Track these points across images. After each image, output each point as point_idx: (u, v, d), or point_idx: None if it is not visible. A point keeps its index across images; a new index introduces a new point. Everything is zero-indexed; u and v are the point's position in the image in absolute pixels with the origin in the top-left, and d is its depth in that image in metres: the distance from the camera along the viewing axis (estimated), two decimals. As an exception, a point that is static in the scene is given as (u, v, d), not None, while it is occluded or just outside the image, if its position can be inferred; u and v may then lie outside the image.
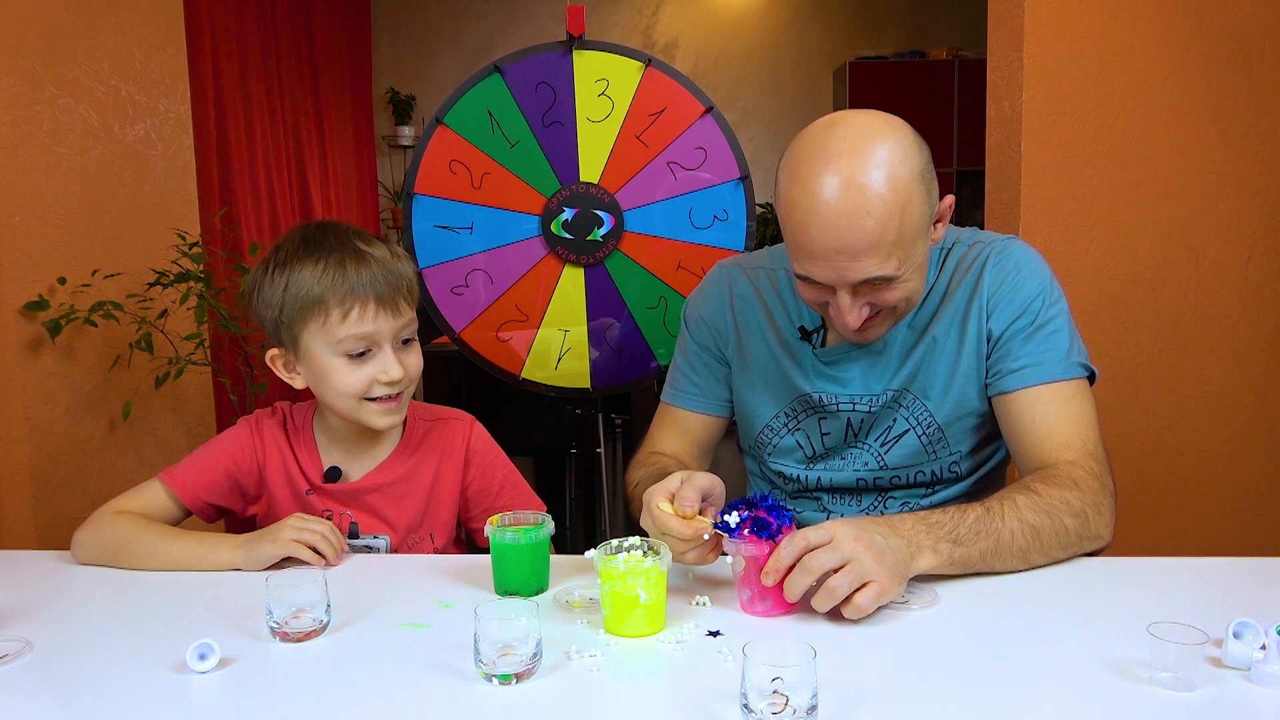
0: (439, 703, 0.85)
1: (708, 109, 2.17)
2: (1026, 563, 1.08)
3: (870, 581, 0.95)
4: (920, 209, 1.10)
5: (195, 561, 1.19)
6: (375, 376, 1.21)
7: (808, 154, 1.10)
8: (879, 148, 1.08)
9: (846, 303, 1.14)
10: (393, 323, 1.21)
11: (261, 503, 1.33)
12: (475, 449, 1.35)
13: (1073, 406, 1.19)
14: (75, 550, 1.24)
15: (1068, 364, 1.20)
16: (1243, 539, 2.01)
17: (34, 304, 1.89)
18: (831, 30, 5.59)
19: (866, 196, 1.06)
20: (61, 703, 0.87)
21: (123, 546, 1.21)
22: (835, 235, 1.07)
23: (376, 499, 1.30)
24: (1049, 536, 1.08)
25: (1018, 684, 0.85)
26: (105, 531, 1.23)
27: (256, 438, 1.31)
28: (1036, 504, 1.08)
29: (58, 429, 1.98)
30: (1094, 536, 1.12)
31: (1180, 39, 1.90)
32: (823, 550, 0.96)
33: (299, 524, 1.18)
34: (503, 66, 2.16)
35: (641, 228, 2.20)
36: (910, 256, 1.11)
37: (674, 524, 1.04)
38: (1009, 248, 1.26)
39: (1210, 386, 1.98)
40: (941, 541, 1.03)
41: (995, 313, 1.23)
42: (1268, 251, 1.95)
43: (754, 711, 0.77)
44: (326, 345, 1.20)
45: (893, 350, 1.27)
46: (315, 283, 1.18)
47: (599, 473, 3.37)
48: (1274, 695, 0.82)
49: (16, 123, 1.89)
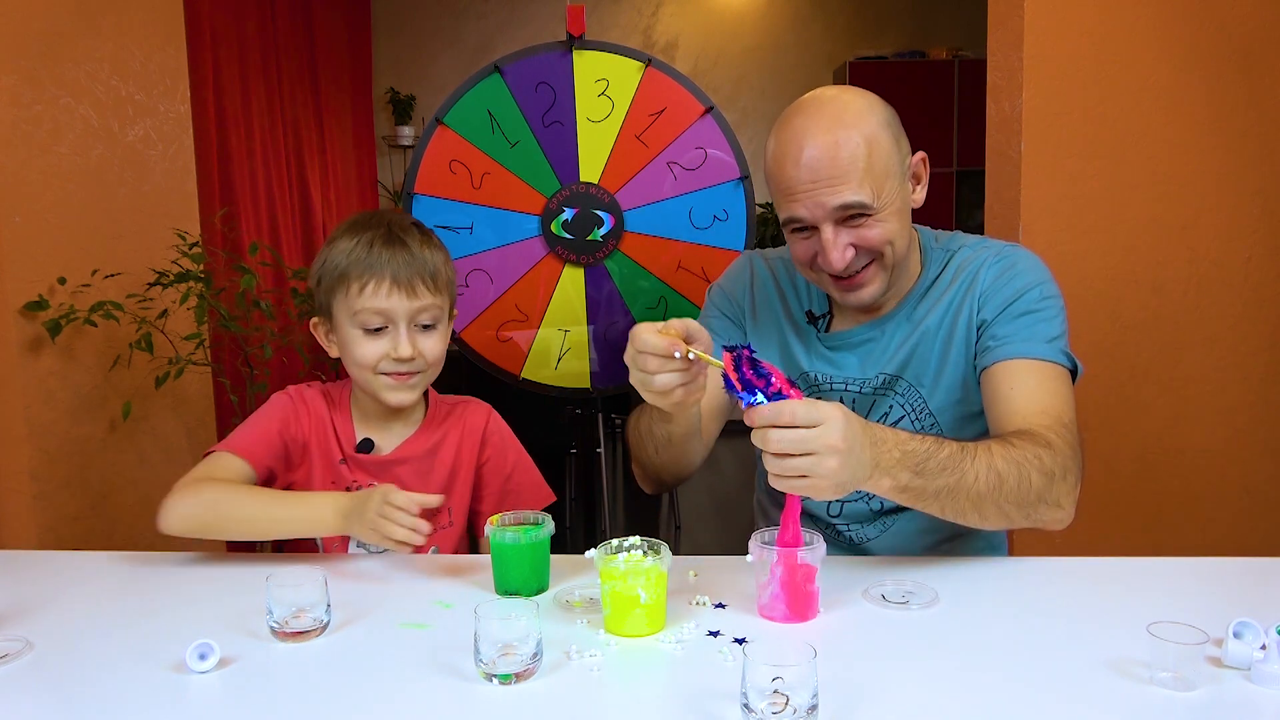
0: (439, 703, 0.85)
1: (708, 109, 2.17)
2: (978, 512, 1.06)
3: (813, 478, 0.94)
4: (888, 148, 1.21)
5: (301, 527, 1.21)
6: (387, 352, 1.27)
7: (785, 116, 1.25)
8: (845, 97, 1.23)
9: (830, 237, 1.20)
10: (407, 303, 1.27)
11: (301, 470, 1.34)
12: (492, 429, 1.41)
13: (1052, 385, 1.20)
14: (166, 516, 1.20)
15: (1052, 348, 1.22)
16: (1243, 539, 2.01)
17: (34, 304, 1.89)
18: (831, 30, 5.59)
19: (836, 131, 1.18)
20: (61, 703, 0.87)
21: (223, 507, 1.21)
22: (810, 167, 1.18)
23: (404, 471, 1.34)
24: (1011, 488, 1.06)
25: (1018, 684, 0.85)
26: (204, 492, 1.22)
27: (300, 404, 1.36)
28: (1009, 454, 1.07)
29: (58, 429, 1.98)
30: (1054, 503, 1.10)
31: (1180, 39, 1.90)
32: (798, 433, 0.94)
33: (383, 514, 1.13)
34: (503, 66, 2.16)
35: (641, 228, 2.20)
36: (884, 190, 1.20)
37: (650, 336, 1.03)
38: (1013, 252, 1.30)
39: (1210, 386, 1.98)
40: (905, 471, 1.01)
41: (988, 304, 1.26)
42: (1268, 251, 1.95)
43: (754, 711, 0.77)
44: (348, 316, 1.28)
45: (890, 339, 1.32)
46: (344, 257, 1.28)
47: (599, 473, 3.38)
48: (1274, 695, 0.82)
49: (16, 123, 1.89)
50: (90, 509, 2.05)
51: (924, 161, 1.28)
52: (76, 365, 2.03)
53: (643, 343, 1.04)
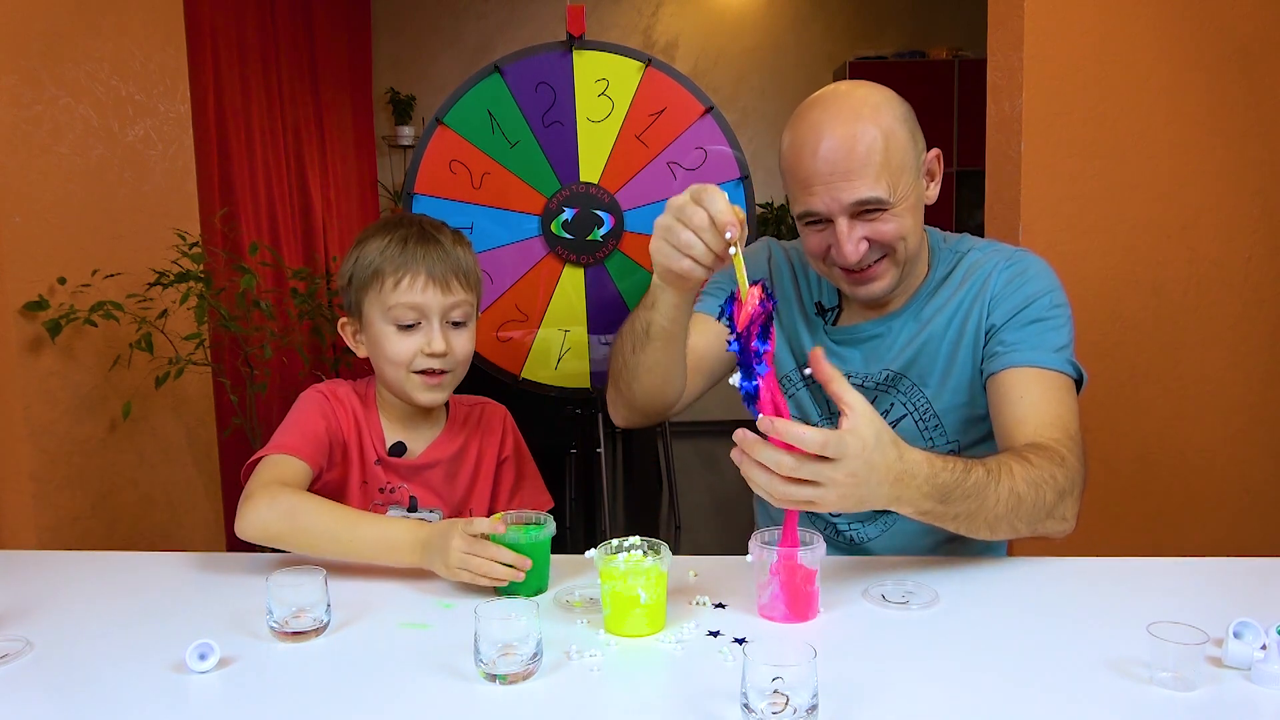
0: (439, 703, 0.85)
1: (708, 109, 2.17)
2: (991, 532, 1.05)
3: (818, 504, 0.92)
4: (905, 143, 1.21)
5: (378, 551, 1.13)
6: (421, 348, 1.27)
7: (802, 109, 1.25)
8: (863, 92, 1.23)
9: (844, 230, 1.20)
10: (441, 298, 1.26)
11: (338, 469, 1.30)
12: (509, 430, 1.43)
13: (1059, 395, 1.19)
14: (245, 522, 1.14)
15: (1059, 358, 1.21)
16: (1243, 539, 2.01)
17: (34, 304, 1.89)
18: (831, 30, 5.59)
19: (854, 125, 1.19)
20: (61, 703, 0.87)
21: (300, 518, 1.14)
22: (828, 159, 1.18)
23: (433, 475, 1.34)
24: (1028, 508, 1.05)
25: (1018, 684, 0.85)
26: (280, 500, 1.15)
27: (336, 402, 1.33)
28: (1029, 475, 1.06)
29: (58, 429, 1.97)
30: (1060, 518, 1.10)
31: (1180, 39, 1.90)
32: (812, 467, 0.89)
33: (465, 557, 1.06)
34: (503, 66, 2.16)
35: (642, 228, 2.20)
36: (899, 185, 1.20)
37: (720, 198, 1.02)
38: (1024, 258, 1.31)
39: (1210, 386, 1.98)
40: (928, 500, 0.99)
41: (997, 309, 1.26)
42: (1268, 251, 1.95)
43: (754, 711, 0.77)
44: (381, 313, 1.27)
45: (897, 337, 1.32)
46: (378, 254, 1.27)
47: (599, 473, 3.37)
48: (1274, 695, 0.82)
49: (16, 123, 1.89)
50: (90, 509, 2.05)
51: (939, 159, 1.29)
52: (76, 365, 2.03)
53: (710, 198, 1.02)
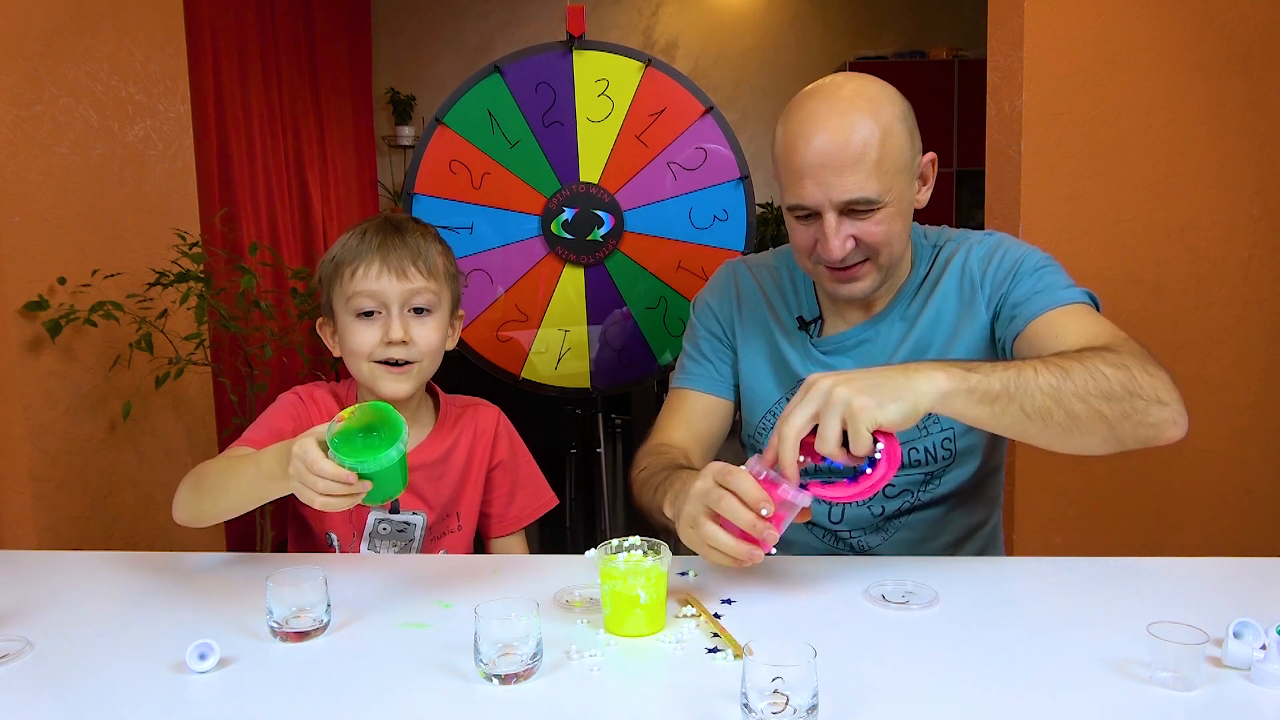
0: (439, 703, 0.85)
1: (708, 109, 2.17)
2: (1065, 411, 0.99)
3: (851, 418, 0.94)
4: (901, 142, 1.19)
5: (262, 485, 1.09)
6: (381, 337, 1.27)
7: (800, 98, 1.22)
8: (863, 86, 1.20)
9: (832, 225, 1.18)
10: (398, 285, 1.26)
11: None
12: (502, 432, 1.42)
13: (1090, 318, 1.17)
14: (174, 507, 1.20)
15: (1071, 291, 1.21)
16: (1243, 539, 2.01)
17: (34, 304, 1.89)
18: (831, 30, 5.59)
19: (850, 119, 1.16)
20: (61, 703, 0.87)
21: (205, 480, 1.17)
22: (821, 151, 1.16)
23: (417, 478, 1.33)
24: (1080, 377, 1.00)
25: (1018, 684, 0.85)
26: (191, 474, 1.19)
27: (310, 403, 1.34)
28: (1061, 359, 1.04)
29: (58, 429, 1.97)
30: (1151, 397, 1.02)
31: (1180, 39, 1.90)
32: (795, 407, 0.95)
33: (300, 470, 0.99)
34: (503, 66, 2.16)
35: (642, 228, 2.20)
36: (891, 186, 1.18)
37: (749, 482, 0.97)
38: (990, 235, 1.33)
39: (1210, 386, 1.98)
40: (954, 368, 0.99)
41: (988, 283, 1.27)
42: (1268, 251, 1.95)
43: (754, 711, 0.77)
44: (343, 304, 1.29)
45: (886, 339, 1.31)
46: (340, 248, 1.30)
47: (599, 473, 3.37)
48: (1274, 695, 0.82)
49: (16, 123, 1.89)
50: (90, 509, 2.05)
51: (933, 163, 1.27)
52: (76, 365, 2.03)
53: (737, 482, 0.97)
